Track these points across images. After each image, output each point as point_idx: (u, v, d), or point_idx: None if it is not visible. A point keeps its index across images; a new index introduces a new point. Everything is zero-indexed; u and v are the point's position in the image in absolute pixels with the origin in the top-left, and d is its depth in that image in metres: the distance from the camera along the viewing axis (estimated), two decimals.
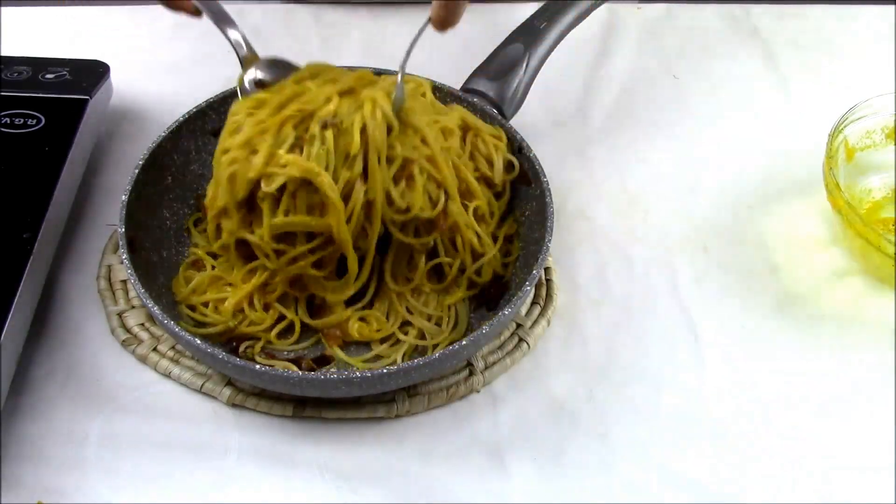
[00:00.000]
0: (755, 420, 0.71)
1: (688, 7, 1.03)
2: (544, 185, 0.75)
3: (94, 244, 0.79)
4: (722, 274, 0.80)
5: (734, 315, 0.78)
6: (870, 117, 0.83)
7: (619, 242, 0.82)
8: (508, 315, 0.69)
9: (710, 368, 0.74)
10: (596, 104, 0.93)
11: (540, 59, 0.84)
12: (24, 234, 0.72)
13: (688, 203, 0.85)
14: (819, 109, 0.91)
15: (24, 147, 0.78)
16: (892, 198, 0.84)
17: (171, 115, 0.79)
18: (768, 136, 0.91)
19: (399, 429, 0.70)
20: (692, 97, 0.95)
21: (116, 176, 0.84)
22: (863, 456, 0.70)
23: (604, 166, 0.88)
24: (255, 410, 0.70)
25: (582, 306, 0.78)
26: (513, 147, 0.79)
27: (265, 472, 0.68)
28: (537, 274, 0.70)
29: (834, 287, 0.80)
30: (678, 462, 0.69)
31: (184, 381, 0.72)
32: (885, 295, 0.79)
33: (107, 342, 0.74)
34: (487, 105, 0.81)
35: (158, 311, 0.67)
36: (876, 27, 1.01)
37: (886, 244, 0.75)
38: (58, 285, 0.77)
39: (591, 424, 0.71)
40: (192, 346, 0.66)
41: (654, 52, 0.99)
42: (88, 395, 0.71)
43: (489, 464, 0.69)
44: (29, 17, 0.97)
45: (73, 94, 0.82)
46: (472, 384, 0.72)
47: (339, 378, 0.66)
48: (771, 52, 0.99)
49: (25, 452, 0.68)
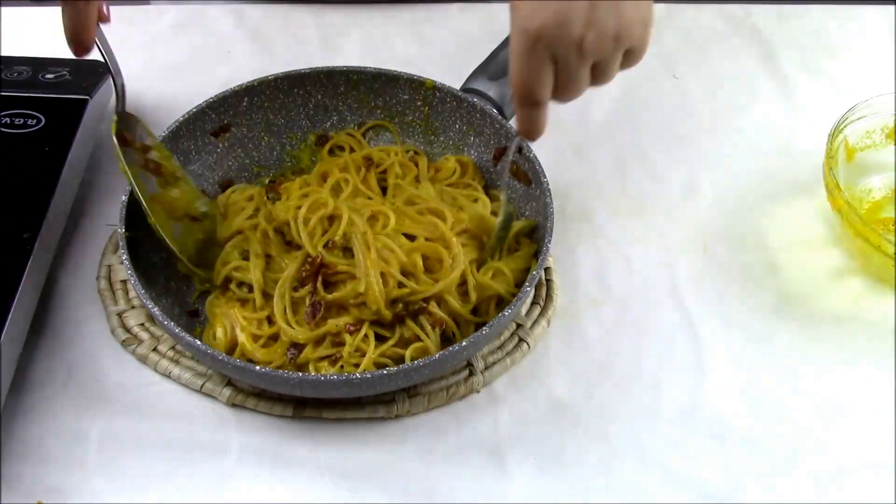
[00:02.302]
0: (755, 420, 0.71)
1: (688, 7, 1.03)
2: (544, 185, 0.75)
3: (94, 244, 0.79)
4: (722, 274, 0.80)
5: (734, 315, 0.78)
6: (870, 117, 0.83)
7: (619, 242, 0.82)
8: (508, 315, 0.69)
9: (710, 368, 0.74)
10: (596, 104, 0.93)
11: None
12: (24, 234, 0.72)
13: (688, 203, 0.85)
14: (819, 109, 0.91)
15: (24, 147, 0.78)
16: (892, 198, 0.84)
17: (171, 115, 0.79)
18: (768, 136, 0.91)
19: (399, 429, 0.70)
20: (692, 97, 0.95)
21: (116, 176, 0.83)
22: (863, 456, 0.70)
23: (604, 166, 0.88)
24: (255, 410, 0.70)
25: (582, 306, 0.78)
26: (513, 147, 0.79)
27: (265, 472, 0.68)
28: (537, 274, 0.70)
29: (834, 287, 0.80)
30: (678, 462, 0.69)
31: (184, 381, 0.72)
32: (885, 295, 0.79)
33: (107, 342, 0.74)
34: (487, 105, 0.81)
35: (158, 312, 0.67)
36: (876, 27, 1.01)
37: (886, 244, 0.75)
38: (58, 285, 0.77)
39: (591, 424, 0.71)
40: (193, 346, 0.66)
41: (654, 52, 0.99)
42: (88, 395, 0.71)
43: (489, 464, 0.69)
44: (29, 17, 0.97)
45: (73, 94, 0.82)
46: (472, 384, 0.72)
47: (339, 379, 0.66)
48: (771, 52, 0.99)
49: (25, 452, 0.68)
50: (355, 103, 0.85)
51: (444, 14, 1.01)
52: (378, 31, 0.99)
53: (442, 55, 0.96)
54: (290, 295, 0.71)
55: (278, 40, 0.98)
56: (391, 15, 1.01)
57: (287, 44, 0.97)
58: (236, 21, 0.99)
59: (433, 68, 0.83)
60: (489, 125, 0.81)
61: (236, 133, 0.83)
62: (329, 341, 0.70)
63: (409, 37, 0.99)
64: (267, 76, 0.82)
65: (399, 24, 1.00)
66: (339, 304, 0.71)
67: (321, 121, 0.85)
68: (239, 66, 0.93)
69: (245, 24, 0.99)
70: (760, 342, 0.76)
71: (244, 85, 0.81)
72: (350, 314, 0.70)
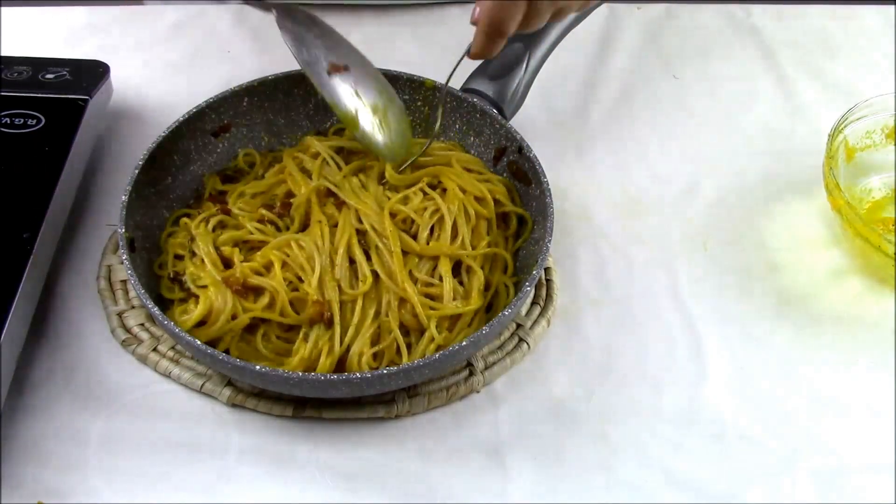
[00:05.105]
0: (755, 420, 0.71)
1: (688, 7, 1.03)
2: (544, 185, 0.75)
3: (94, 244, 0.79)
4: (722, 274, 0.80)
5: (734, 315, 0.78)
6: (870, 117, 0.83)
7: (619, 242, 0.82)
8: (508, 315, 0.69)
9: (710, 368, 0.74)
10: (596, 104, 0.93)
11: (540, 59, 0.84)
12: (24, 234, 0.72)
13: (688, 203, 0.85)
14: (819, 109, 0.91)
15: (24, 147, 0.78)
16: (892, 198, 0.84)
17: (171, 115, 0.79)
18: (768, 136, 0.91)
19: (399, 429, 0.70)
20: (692, 97, 0.95)
21: (116, 176, 0.84)
22: (863, 456, 0.70)
23: (604, 166, 0.88)
24: (255, 410, 0.70)
25: (582, 306, 0.78)
26: (513, 147, 0.79)
27: (265, 472, 0.68)
28: (537, 274, 0.70)
29: (834, 287, 0.80)
30: (678, 462, 0.69)
31: (184, 381, 0.72)
32: (885, 295, 0.79)
33: (107, 342, 0.74)
34: (487, 105, 0.81)
35: (158, 312, 0.67)
36: (876, 27, 1.01)
37: (886, 244, 0.75)
38: (58, 285, 0.77)
39: (591, 424, 0.71)
40: (192, 346, 0.66)
41: (654, 52, 0.99)
42: (88, 395, 0.71)
43: (489, 464, 0.69)
44: (29, 17, 0.97)
45: (73, 94, 0.82)
46: (472, 384, 0.72)
47: (339, 378, 0.66)
48: (771, 52, 0.99)
49: (25, 452, 0.68)
50: None
51: (444, 15, 1.01)
52: (378, 31, 0.99)
53: (442, 55, 0.95)
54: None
55: (278, 40, 0.97)
56: (391, 15, 1.01)
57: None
58: (236, 21, 0.99)
59: (433, 68, 0.83)
60: (489, 125, 0.81)
61: (236, 133, 0.83)
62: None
63: (409, 37, 0.99)
64: (267, 76, 0.82)
65: (399, 25, 1.00)
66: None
67: (321, 121, 0.85)
68: (239, 66, 0.93)
69: (245, 24, 0.99)
70: (760, 342, 0.76)
71: (244, 85, 0.81)
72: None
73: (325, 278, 0.71)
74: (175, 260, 0.74)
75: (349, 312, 0.70)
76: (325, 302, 0.70)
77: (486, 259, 0.75)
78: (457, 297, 0.72)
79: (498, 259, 0.76)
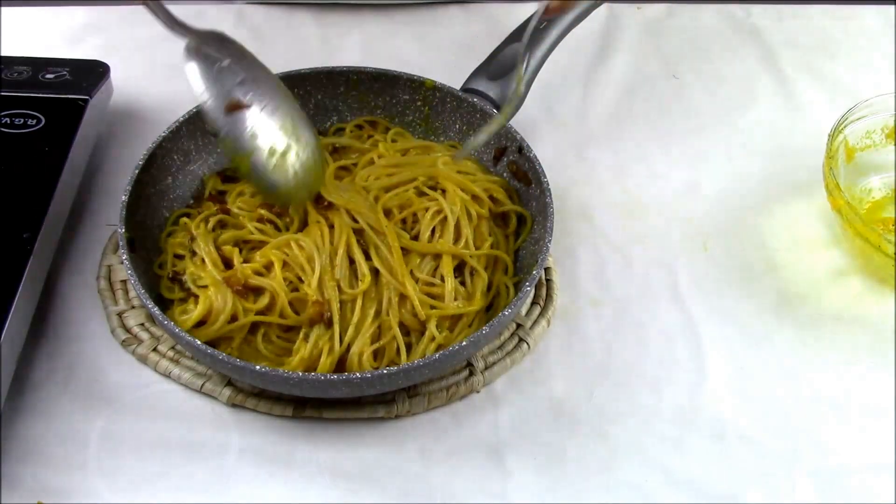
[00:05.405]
0: (755, 420, 0.71)
1: (688, 7, 1.03)
2: (544, 185, 0.75)
3: (94, 244, 0.79)
4: (722, 274, 0.80)
5: (734, 315, 0.78)
6: (870, 117, 0.83)
7: (619, 242, 0.82)
8: (508, 315, 0.69)
9: (710, 368, 0.74)
10: (596, 104, 0.93)
11: (540, 59, 0.84)
12: (24, 233, 0.72)
13: (688, 203, 0.85)
14: (819, 109, 0.91)
15: (24, 147, 0.78)
16: (892, 198, 0.84)
17: (171, 115, 0.79)
18: (768, 136, 0.91)
19: (399, 429, 0.70)
20: (692, 97, 0.95)
21: (116, 176, 0.84)
22: (863, 456, 0.70)
23: (604, 166, 0.88)
24: (255, 410, 0.70)
25: (582, 306, 0.78)
26: (513, 147, 0.79)
27: (265, 472, 0.68)
28: (537, 274, 0.70)
29: (834, 287, 0.80)
30: (678, 462, 0.69)
31: (184, 381, 0.72)
32: (885, 295, 0.79)
33: (107, 342, 0.74)
34: (487, 105, 0.81)
35: (158, 312, 0.67)
36: (876, 27, 1.01)
37: (886, 244, 0.75)
38: (58, 285, 0.77)
39: (591, 424, 0.71)
40: (192, 346, 0.66)
41: (654, 52, 0.99)
42: (88, 395, 0.71)
43: (489, 464, 0.69)
44: (29, 17, 0.97)
45: (73, 94, 0.82)
46: (472, 384, 0.72)
47: (339, 378, 0.66)
48: (771, 52, 0.99)
49: (25, 452, 0.68)
50: (355, 103, 0.85)
51: (445, 14, 1.01)
52: (378, 31, 0.99)
53: (442, 55, 0.96)
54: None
55: (278, 40, 0.98)
56: (391, 15, 1.01)
57: (287, 44, 0.97)
58: (236, 21, 0.99)
59: (433, 68, 0.83)
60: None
61: None
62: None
63: (409, 37, 0.99)
64: None
65: (399, 24, 1.00)
66: None
67: (321, 121, 0.85)
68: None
69: (245, 24, 0.99)
70: (760, 342, 0.76)
71: None
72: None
73: (325, 278, 0.71)
74: (175, 260, 0.74)
75: (349, 312, 0.70)
76: (325, 302, 0.70)
77: (488, 260, 0.75)
78: (458, 298, 0.72)
79: (499, 259, 0.76)
